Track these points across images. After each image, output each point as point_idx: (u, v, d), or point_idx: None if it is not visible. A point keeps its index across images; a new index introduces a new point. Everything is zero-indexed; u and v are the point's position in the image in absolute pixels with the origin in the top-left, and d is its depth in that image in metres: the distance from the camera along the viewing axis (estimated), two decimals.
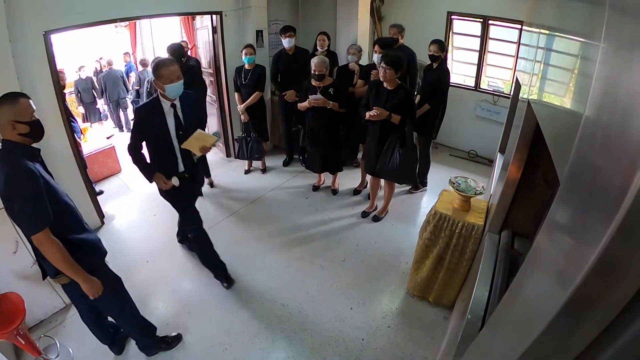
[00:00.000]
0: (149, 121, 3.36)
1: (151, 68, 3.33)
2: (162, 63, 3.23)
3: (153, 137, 3.43)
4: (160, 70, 3.19)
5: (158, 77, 3.21)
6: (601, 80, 0.89)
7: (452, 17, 6.78)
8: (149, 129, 3.39)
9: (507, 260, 2.32)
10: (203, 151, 3.46)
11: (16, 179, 2.19)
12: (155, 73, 3.23)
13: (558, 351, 0.88)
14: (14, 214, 2.29)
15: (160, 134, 3.39)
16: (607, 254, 0.66)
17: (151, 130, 3.39)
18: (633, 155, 0.61)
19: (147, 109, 3.38)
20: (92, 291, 2.56)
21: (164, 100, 3.33)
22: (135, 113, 3.64)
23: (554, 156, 1.28)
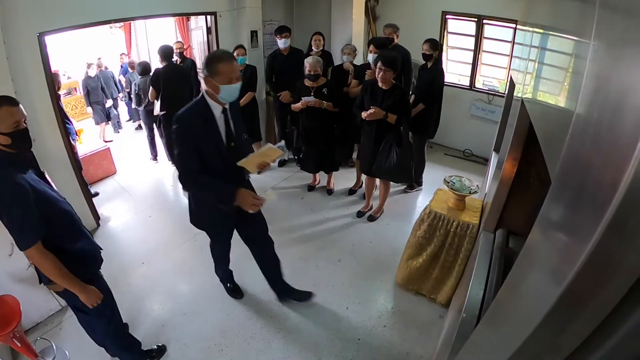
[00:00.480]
0: (198, 130, 2.72)
1: (204, 62, 2.70)
2: (221, 57, 2.68)
3: (201, 150, 2.76)
4: (217, 66, 2.63)
5: (213, 74, 2.65)
6: (592, 77, 0.89)
7: (447, 16, 6.79)
8: (197, 141, 2.73)
9: (502, 258, 2.32)
10: (260, 168, 3.01)
11: (2, 195, 2.09)
12: (209, 68, 2.65)
13: (550, 350, 0.88)
14: (5, 225, 2.17)
15: (211, 146, 2.79)
16: (599, 251, 0.66)
17: (199, 141, 2.74)
18: (623, 151, 0.61)
19: (194, 114, 2.75)
20: (90, 300, 2.47)
21: (214, 103, 2.77)
22: (178, 122, 2.72)
23: (546, 154, 1.29)
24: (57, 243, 2.31)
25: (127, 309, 3.66)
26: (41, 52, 4.01)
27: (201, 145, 2.73)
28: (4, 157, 2.15)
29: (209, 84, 2.70)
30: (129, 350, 3.11)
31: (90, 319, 2.63)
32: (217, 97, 2.74)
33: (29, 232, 2.13)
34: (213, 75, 2.65)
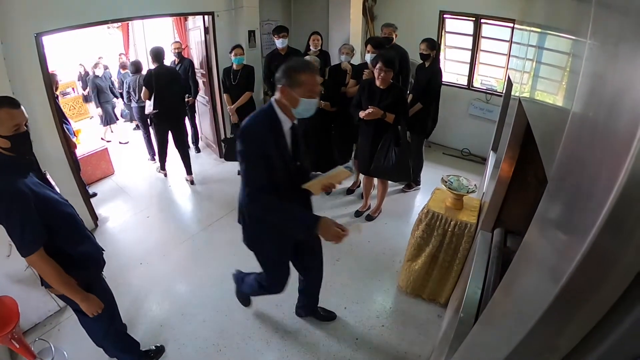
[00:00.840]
0: (268, 144, 2.40)
1: (283, 70, 2.38)
2: (304, 67, 2.39)
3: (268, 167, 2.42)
4: (299, 76, 2.34)
5: (294, 85, 2.34)
6: (588, 76, 0.89)
7: (445, 15, 6.80)
8: (266, 155, 2.40)
9: (499, 258, 2.32)
10: (325, 190, 2.78)
11: (1, 202, 2.02)
12: (290, 78, 2.35)
13: (547, 350, 0.88)
14: (6, 231, 2.12)
15: (279, 163, 2.47)
16: (595, 249, 0.66)
17: (268, 156, 2.41)
18: (619, 150, 0.61)
19: (263, 125, 2.42)
20: (91, 309, 2.45)
21: (285, 117, 2.46)
22: (246, 133, 2.38)
23: (542, 153, 1.29)
24: (59, 246, 2.28)
25: (126, 309, 3.65)
26: (38, 52, 4.00)
27: (269, 161, 2.41)
28: (3, 161, 2.09)
29: (285, 95, 2.38)
30: (128, 352, 3.09)
31: (91, 320, 2.60)
32: (290, 110, 2.44)
33: (30, 239, 2.09)
34: (293, 86, 2.35)
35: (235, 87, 5.73)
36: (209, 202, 5.82)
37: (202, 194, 6.11)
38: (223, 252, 4.59)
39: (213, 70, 6.37)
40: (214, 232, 5.05)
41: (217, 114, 6.79)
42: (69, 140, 4.79)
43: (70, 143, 4.85)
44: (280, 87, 2.39)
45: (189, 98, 6.79)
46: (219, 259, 4.47)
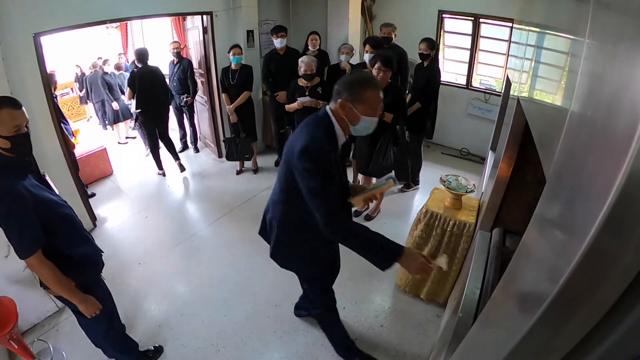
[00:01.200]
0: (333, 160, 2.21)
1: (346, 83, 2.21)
2: (370, 82, 2.22)
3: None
4: (364, 92, 2.18)
5: (357, 101, 2.18)
6: (586, 75, 0.89)
7: (443, 15, 6.80)
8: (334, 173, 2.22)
9: (498, 257, 2.32)
10: (366, 204, 2.69)
11: (0, 204, 2.01)
12: (354, 93, 2.17)
13: (545, 351, 0.88)
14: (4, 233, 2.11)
15: (337, 179, 2.31)
16: (594, 249, 0.66)
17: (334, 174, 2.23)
18: (618, 148, 0.61)
19: (328, 140, 2.22)
20: (89, 311, 2.44)
21: (341, 132, 2.29)
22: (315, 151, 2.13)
23: (541, 152, 1.29)
24: (58, 248, 2.27)
25: (124, 310, 3.64)
26: (37, 52, 3.99)
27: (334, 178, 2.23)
28: (2, 162, 2.07)
29: (345, 110, 2.20)
30: (127, 352, 3.09)
31: (90, 321, 2.60)
32: (349, 126, 2.27)
33: (28, 241, 2.09)
34: (356, 101, 2.18)
35: (233, 87, 5.73)
36: (208, 202, 5.81)
37: (200, 194, 6.11)
38: (222, 252, 4.59)
39: (212, 70, 6.36)
40: (212, 232, 5.05)
41: (216, 114, 6.78)
42: (68, 141, 4.78)
43: (69, 143, 4.85)
44: (340, 101, 2.19)
45: (188, 98, 6.80)
46: (218, 259, 4.47)
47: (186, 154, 7.59)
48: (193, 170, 6.87)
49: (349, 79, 2.27)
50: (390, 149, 4.37)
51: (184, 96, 6.78)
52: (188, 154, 7.57)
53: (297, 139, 2.23)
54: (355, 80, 2.23)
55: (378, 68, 4.09)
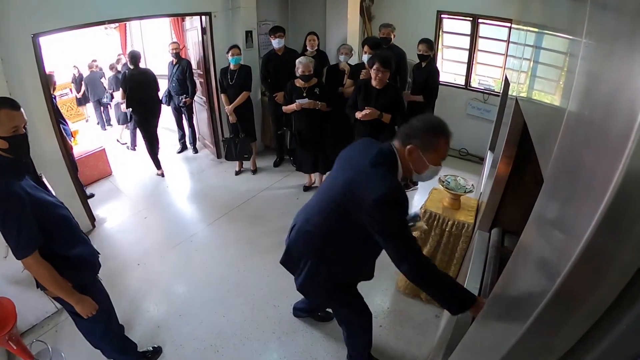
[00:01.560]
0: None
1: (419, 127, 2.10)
2: (444, 130, 2.10)
3: None
4: (438, 140, 2.09)
5: (429, 148, 2.08)
6: (583, 75, 0.89)
7: (442, 15, 6.80)
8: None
9: (497, 257, 2.33)
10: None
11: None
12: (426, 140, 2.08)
13: (543, 350, 0.88)
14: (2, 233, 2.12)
15: None
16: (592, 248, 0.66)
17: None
18: (615, 147, 0.61)
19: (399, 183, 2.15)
20: (85, 311, 2.44)
21: (401, 174, 2.20)
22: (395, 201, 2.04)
23: (539, 152, 1.29)
24: (55, 249, 2.27)
25: (123, 310, 3.64)
26: (35, 53, 3.99)
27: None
28: (0, 163, 2.07)
29: (414, 157, 2.10)
30: (126, 353, 3.08)
31: (88, 323, 2.60)
32: (411, 171, 2.18)
33: (25, 242, 2.09)
34: (427, 149, 2.08)
35: (232, 87, 5.73)
36: (207, 203, 5.81)
37: (199, 195, 6.11)
38: (221, 253, 4.59)
39: (210, 71, 6.37)
40: (211, 233, 5.05)
41: (215, 115, 6.78)
42: (66, 141, 4.78)
43: (67, 144, 4.85)
44: (410, 147, 2.08)
45: (187, 98, 6.79)
46: (217, 260, 4.47)
47: (185, 154, 7.60)
48: (192, 170, 6.87)
49: (421, 124, 2.12)
50: None
51: (182, 97, 6.78)
52: (187, 155, 7.57)
53: (361, 181, 2.11)
54: (428, 127, 2.10)
55: (377, 69, 4.10)
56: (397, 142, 2.16)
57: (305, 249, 2.52)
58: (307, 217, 2.48)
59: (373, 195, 1.98)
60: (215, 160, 7.18)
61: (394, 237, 2.07)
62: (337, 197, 2.22)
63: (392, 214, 2.03)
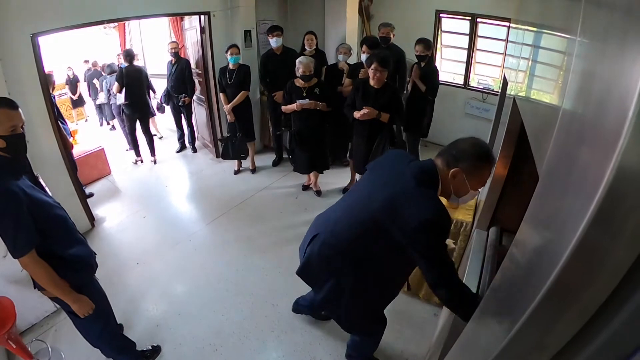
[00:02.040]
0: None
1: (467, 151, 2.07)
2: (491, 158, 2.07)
3: None
4: (483, 167, 2.05)
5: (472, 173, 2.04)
6: (577, 73, 0.90)
7: (441, 15, 6.80)
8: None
9: (494, 256, 2.33)
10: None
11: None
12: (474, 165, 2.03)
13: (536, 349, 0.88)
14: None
15: None
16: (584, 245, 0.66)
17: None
18: (607, 144, 0.61)
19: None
20: (82, 310, 2.45)
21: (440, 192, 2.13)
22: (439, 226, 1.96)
23: (534, 150, 1.29)
24: (51, 249, 2.27)
25: (122, 310, 3.65)
26: (34, 53, 3.99)
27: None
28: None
29: (456, 180, 2.05)
30: (124, 352, 3.09)
31: (85, 323, 2.60)
32: (451, 193, 2.13)
33: (23, 241, 2.10)
34: (471, 175, 2.04)
35: (231, 87, 5.72)
36: (206, 202, 5.81)
37: (198, 194, 6.11)
38: (220, 252, 4.60)
39: (209, 70, 6.37)
40: (210, 232, 5.05)
41: (214, 114, 6.79)
42: (66, 141, 4.78)
43: (67, 143, 4.85)
44: (455, 171, 2.03)
45: (185, 98, 6.80)
46: (216, 259, 4.47)
47: (184, 154, 7.60)
48: (191, 170, 6.87)
49: (470, 149, 2.07)
50: (387, 149, 4.38)
51: (181, 96, 6.78)
52: (186, 154, 7.57)
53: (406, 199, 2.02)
54: (478, 153, 2.05)
55: (375, 68, 4.10)
56: (440, 161, 2.10)
57: (332, 265, 2.39)
58: (334, 229, 2.36)
59: (420, 217, 1.92)
60: (214, 160, 7.18)
61: (438, 263, 1.99)
62: (375, 214, 2.09)
63: (439, 239, 1.98)
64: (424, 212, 1.92)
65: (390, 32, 5.47)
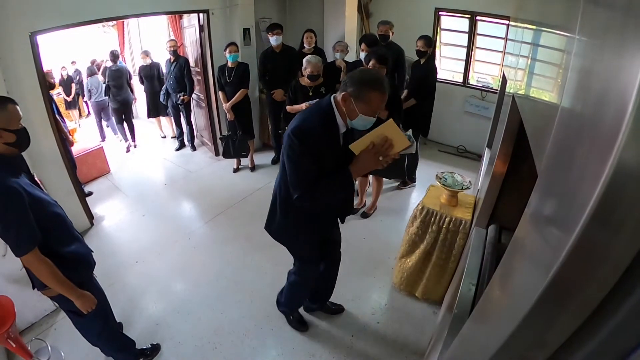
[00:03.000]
0: (322, 145, 2.35)
1: (355, 79, 2.27)
2: (379, 85, 2.26)
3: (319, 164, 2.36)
4: (370, 94, 2.24)
5: (360, 100, 2.25)
6: (576, 71, 0.89)
7: (440, 13, 6.80)
8: (320, 155, 2.36)
9: (494, 254, 2.33)
10: (372, 154, 2.37)
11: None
12: (359, 91, 2.24)
13: (535, 346, 0.88)
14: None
15: (330, 161, 2.43)
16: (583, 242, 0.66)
17: (321, 156, 2.36)
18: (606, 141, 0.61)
19: (320, 124, 2.36)
20: (86, 306, 2.45)
21: (342, 122, 2.39)
22: (301, 131, 2.31)
23: (533, 148, 1.29)
24: (51, 247, 2.27)
25: (121, 308, 3.66)
26: (33, 51, 3.98)
27: (321, 159, 2.35)
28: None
29: (346, 104, 2.30)
30: (124, 350, 3.10)
31: (85, 321, 2.62)
32: (347, 118, 2.36)
33: (26, 238, 2.10)
34: (359, 100, 2.25)
35: (230, 85, 5.73)
36: (205, 200, 5.81)
37: (197, 192, 6.10)
38: (219, 250, 4.60)
39: (208, 68, 6.37)
40: (209, 230, 5.05)
41: (213, 112, 6.80)
42: (67, 138, 4.78)
43: (68, 141, 4.85)
44: (344, 94, 2.29)
45: (184, 96, 6.80)
46: (215, 257, 4.47)
47: (183, 152, 7.61)
48: (190, 168, 6.86)
49: (360, 75, 2.30)
50: None
51: (180, 94, 6.78)
52: (185, 152, 7.58)
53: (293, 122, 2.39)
54: (365, 79, 2.26)
55: (373, 65, 4.10)
56: (338, 93, 2.37)
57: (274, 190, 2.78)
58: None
59: (290, 128, 2.35)
60: (213, 158, 7.18)
61: (292, 166, 2.37)
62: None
63: (298, 144, 2.28)
64: (294, 124, 2.35)
65: (389, 30, 5.46)
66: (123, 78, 7.35)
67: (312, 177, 2.34)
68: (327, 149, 2.37)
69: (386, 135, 2.33)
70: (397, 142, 2.35)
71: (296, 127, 2.32)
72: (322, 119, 2.36)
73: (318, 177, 2.35)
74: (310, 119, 2.36)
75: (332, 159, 2.43)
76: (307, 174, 2.34)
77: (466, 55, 6.83)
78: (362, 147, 2.36)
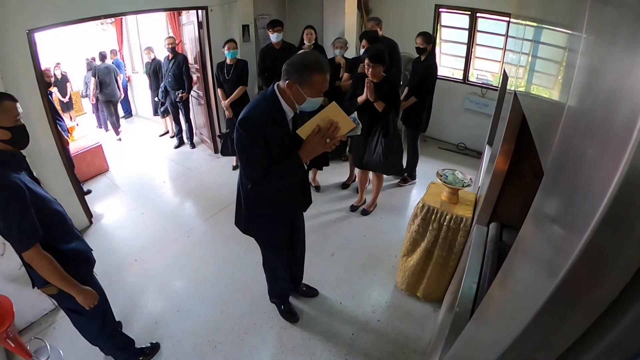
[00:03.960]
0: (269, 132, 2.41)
1: (295, 65, 2.35)
2: (318, 67, 2.34)
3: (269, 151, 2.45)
4: (312, 76, 2.33)
5: (304, 83, 2.34)
6: (583, 70, 0.88)
7: (440, 9, 6.77)
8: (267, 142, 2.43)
9: (495, 252, 2.32)
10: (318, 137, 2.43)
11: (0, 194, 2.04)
12: (301, 76, 2.33)
13: (542, 348, 0.87)
14: (0, 230, 2.12)
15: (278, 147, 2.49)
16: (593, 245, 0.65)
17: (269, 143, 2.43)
18: (618, 141, 0.60)
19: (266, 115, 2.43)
20: (88, 302, 2.44)
21: (288, 107, 2.49)
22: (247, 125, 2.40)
23: (539, 146, 1.28)
24: (51, 244, 2.26)
25: (120, 307, 3.65)
26: (30, 49, 3.96)
27: (270, 146, 2.42)
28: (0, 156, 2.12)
29: (292, 90, 2.38)
30: (123, 349, 3.09)
31: (84, 320, 2.61)
32: (294, 103, 2.46)
33: (28, 233, 2.10)
34: (303, 84, 2.34)
35: (228, 82, 5.72)
36: (204, 198, 5.80)
37: (196, 190, 6.09)
38: (218, 248, 4.59)
39: (207, 66, 6.36)
40: (208, 228, 5.05)
41: (212, 109, 6.79)
42: (62, 137, 4.76)
43: (63, 140, 4.83)
44: (288, 82, 2.37)
45: (183, 93, 6.78)
46: (214, 255, 4.46)
47: (182, 149, 7.59)
48: (189, 166, 6.85)
49: (298, 61, 2.38)
50: (380, 140, 4.39)
51: (179, 92, 6.77)
52: (184, 150, 7.56)
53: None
54: (304, 64, 2.35)
55: (367, 64, 4.13)
56: (280, 81, 2.46)
57: (242, 190, 2.84)
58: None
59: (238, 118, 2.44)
60: (213, 155, 7.17)
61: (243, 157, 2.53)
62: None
63: (244, 134, 2.38)
64: (240, 115, 2.43)
65: (376, 26, 5.45)
66: (111, 74, 8.21)
67: (262, 165, 2.43)
68: (275, 137, 2.44)
69: (331, 119, 2.40)
70: (343, 125, 2.43)
71: (242, 118, 2.40)
72: (269, 107, 2.45)
73: (268, 165, 2.45)
74: (255, 109, 2.45)
75: (282, 146, 2.50)
76: (258, 163, 2.43)
77: (466, 52, 6.80)
78: (308, 131, 2.43)
